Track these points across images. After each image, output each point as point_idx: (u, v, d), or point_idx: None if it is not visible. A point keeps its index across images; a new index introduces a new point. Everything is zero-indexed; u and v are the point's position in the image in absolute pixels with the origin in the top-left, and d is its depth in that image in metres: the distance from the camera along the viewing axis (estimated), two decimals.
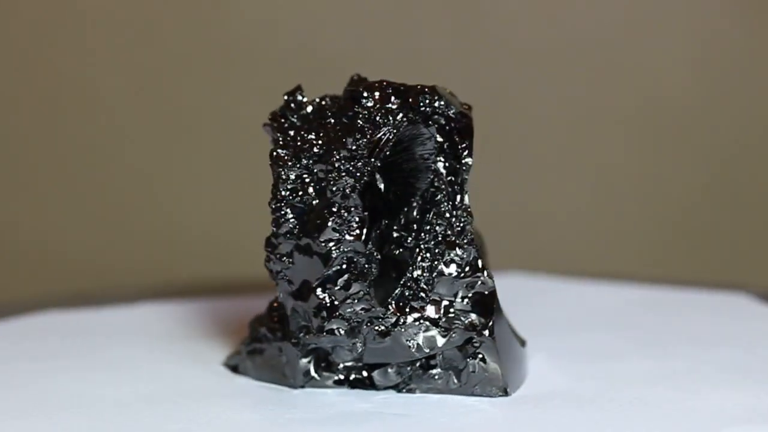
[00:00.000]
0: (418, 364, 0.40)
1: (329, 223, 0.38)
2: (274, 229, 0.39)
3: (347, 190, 0.39)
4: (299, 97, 0.41)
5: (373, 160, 0.39)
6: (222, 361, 0.44)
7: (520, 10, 0.80)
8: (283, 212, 0.39)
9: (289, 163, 0.40)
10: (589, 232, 0.82)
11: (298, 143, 0.40)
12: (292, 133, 0.40)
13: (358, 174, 0.39)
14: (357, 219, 0.39)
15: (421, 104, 0.40)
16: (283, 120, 0.41)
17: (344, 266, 0.39)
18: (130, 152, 0.81)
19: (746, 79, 0.81)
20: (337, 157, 0.39)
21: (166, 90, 0.81)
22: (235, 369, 0.43)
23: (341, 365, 0.41)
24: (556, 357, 0.45)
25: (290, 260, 0.39)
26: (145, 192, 0.82)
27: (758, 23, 0.80)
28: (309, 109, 0.41)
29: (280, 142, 0.40)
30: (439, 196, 0.41)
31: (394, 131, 0.39)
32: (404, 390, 0.41)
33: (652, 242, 0.83)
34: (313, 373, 0.41)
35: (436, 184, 0.41)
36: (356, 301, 0.39)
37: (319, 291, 0.39)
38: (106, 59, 0.80)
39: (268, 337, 0.42)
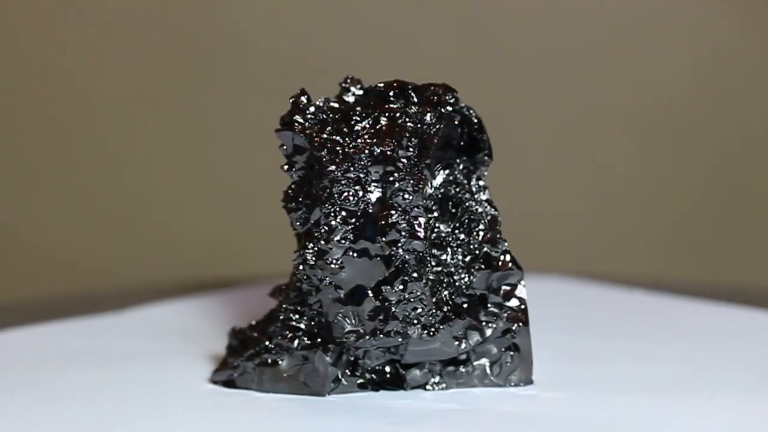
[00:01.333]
0: (448, 361, 0.41)
1: (396, 225, 0.38)
2: (324, 235, 0.39)
3: (409, 190, 0.39)
4: (305, 99, 0.41)
5: (425, 159, 0.39)
6: (207, 378, 0.42)
7: (520, 10, 0.80)
8: (334, 217, 0.39)
9: (342, 166, 0.39)
10: (589, 231, 0.83)
11: (344, 146, 0.39)
12: (324, 135, 0.39)
13: (417, 173, 0.39)
14: (421, 219, 0.39)
15: (449, 103, 0.40)
16: (301, 123, 0.40)
17: (402, 267, 0.38)
18: (130, 152, 0.81)
19: (746, 80, 0.81)
20: (397, 157, 0.39)
21: (167, 91, 0.81)
22: (228, 384, 0.41)
23: (365, 369, 0.41)
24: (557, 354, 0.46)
25: (341, 266, 0.38)
26: (146, 192, 0.82)
27: (758, 24, 0.80)
28: (311, 109, 0.41)
29: (317, 145, 0.39)
30: (463, 193, 0.41)
31: (439, 129, 0.40)
32: (436, 388, 0.41)
33: (652, 242, 0.83)
34: (341, 378, 0.40)
35: (459, 180, 0.41)
36: (412, 301, 0.39)
37: (374, 294, 0.38)
38: (107, 60, 0.80)
39: (285, 347, 0.40)
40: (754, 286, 0.69)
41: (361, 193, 0.38)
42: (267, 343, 0.40)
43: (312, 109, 0.40)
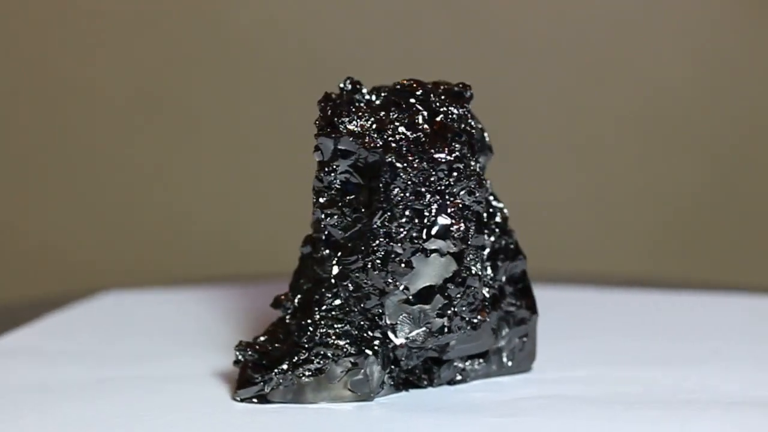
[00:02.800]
0: (468, 354, 0.42)
1: (467, 222, 0.39)
2: (395, 236, 0.39)
3: (475, 187, 0.39)
4: (342, 101, 0.40)
5: (475, 155, 0.40)
6: (231, 397, 0.40)
7: (520, 9, 0.80)
8: (402, 218, 0.39)
9: (408, 168, 0.39)
10: (589, 231, 0.83)
11: (399, 148, 0.39)
12: (387, 137, 0.39)
13: (472, 170, 0.39)
14: (484, 214, 0.40)
15: (469, 99, 0.41)
16: (347, 126, 0.40)
17: (463, 263, 0.39)
18: (131, 152, 0.81)
19: (747, 80, 0.81)
20: (460, 156, 0.39)
21: (168, 90, 0.81)
22: (260, 399, 0.40)
23: (402, 369, 0.41)
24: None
25: (410, 267, 0.39)
26: (146, 192, 0.82)
27: (759, 24, 0.80)
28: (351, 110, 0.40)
29: (377, 148, 0.39)
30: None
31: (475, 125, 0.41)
32: (459, 382, 0.42)
33: (652, 242, 0.83)
34: (384, 380, 0.41)
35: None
36: (468, 296, 0.39)
37: (440, 292, 0.39)
38: (108, 59, 0.80)
39: (332, 355, 0.39)
40: (755, 286, 0.69)
41: (428, 194, 0.39)
42: (307, 353, 0.39)
43: (352, 110, 0.40)
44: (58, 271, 0.81)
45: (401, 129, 0.39)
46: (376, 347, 0.39)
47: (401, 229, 0.39)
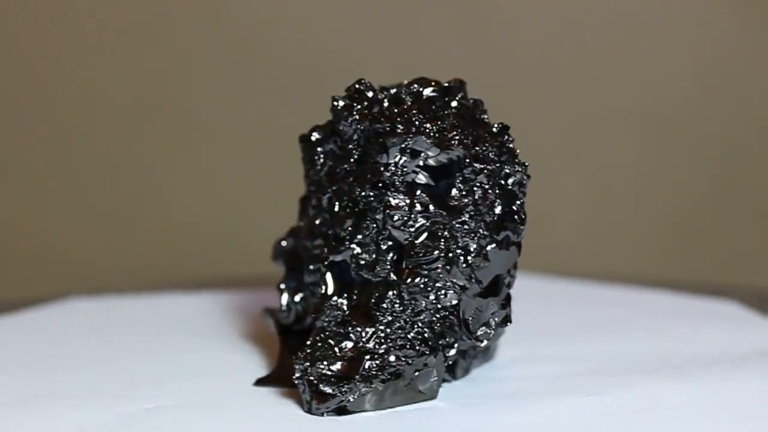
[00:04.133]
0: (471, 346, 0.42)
1: (522, 213, 0.41)
2: (470, 234, 0.39)
3: (519, 178, 0.42)
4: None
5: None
6: (307, 411, 0.39)
7: (521, 10, 0.81)
8: (479, 213, 0.40)
9: (470, 169, 0.40)
10: (589, 231, 0.83)
11: (458, 148, 0.40)
12: (452, 134, 0.40)
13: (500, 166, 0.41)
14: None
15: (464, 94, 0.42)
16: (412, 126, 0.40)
17: (521, 251, 0.41)
18: (131, 152, 0.81)
19: (748, 80, 0.81)
20: (499, 151, 0.41)
21: (168, 90, 0.81)
22: (341, 411, 0.39)
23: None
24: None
25: (488, 259, 0.39)
26: (147, 191, 0.82)
27: (760, 25, 0.80)
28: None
29: (451, 147, 0.40)
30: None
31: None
32: (467, 375, 0.43)
33: (652, 243, 0.83)
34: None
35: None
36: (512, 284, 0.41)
37: (504, 282, 0.40)
38: (109, 58, 0.80)
39: (403, 358, 0.39)
40: (755, 286, 0.69)
41: (481, 192, 0.40)
42: (381, 358, 0.39)
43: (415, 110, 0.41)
44: (57, 271, 0.81)
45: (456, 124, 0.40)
46: (441, 345, 0.40)
47: (476, 223, 0.40)
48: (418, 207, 0.39)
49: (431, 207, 0.39)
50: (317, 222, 0.42)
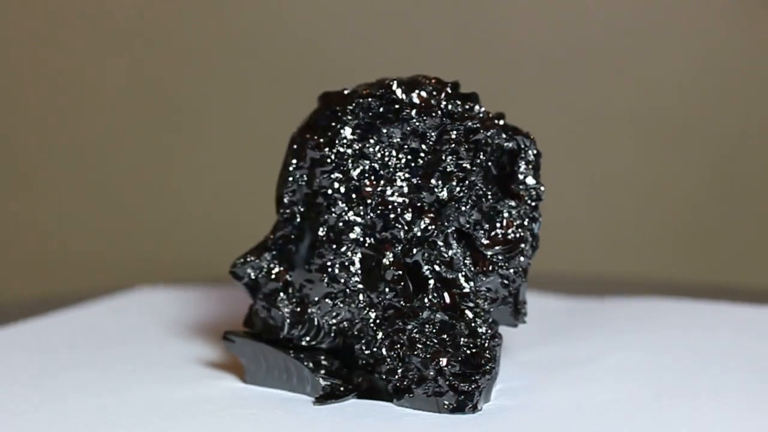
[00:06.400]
0: None
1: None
2: (520, 232, 0.40)
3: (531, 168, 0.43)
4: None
5: None
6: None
7: (521, 11, 0.81)
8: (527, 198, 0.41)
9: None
10: (589, 231, 0.83)
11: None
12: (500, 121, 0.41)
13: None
14: None
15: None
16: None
17: None
18: (132, 151, 0.81)
19: (748, 80, 0.81)
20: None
21: (168, 89, 0.81)
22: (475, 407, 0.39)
23: None
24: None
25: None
26: (148, 192, 0.82)
27: (759, 27, 0.80)
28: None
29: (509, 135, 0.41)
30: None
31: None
32: None
33: (653, 242, 0.83)
34: None
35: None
36: None
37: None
38: (109, 57, 0.80)
39: (497, 348, 0.40)
40: (756, 286, 0.69)
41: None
42: (492, 346, 0.40)
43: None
44: (58, 270, 0.81)
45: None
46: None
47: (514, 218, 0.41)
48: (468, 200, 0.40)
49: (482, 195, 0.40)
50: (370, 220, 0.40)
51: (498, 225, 0.40)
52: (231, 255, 0.44)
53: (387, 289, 0.40)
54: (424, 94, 0.40)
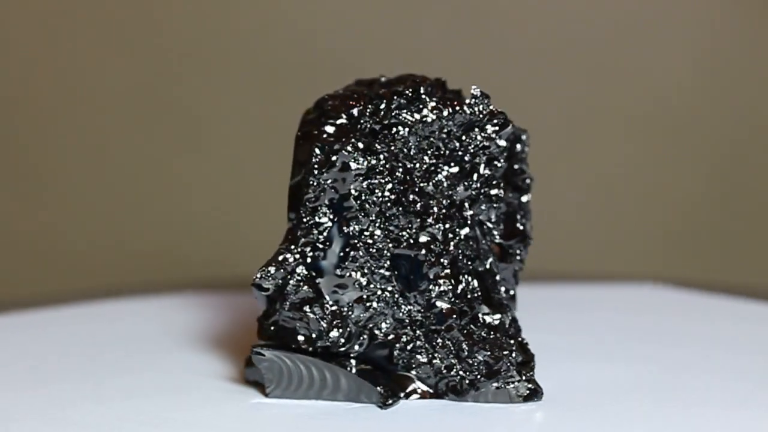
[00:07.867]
0: None
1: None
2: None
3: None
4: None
5: None
6: None
7: (520, 9, 0.81)
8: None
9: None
10: (589, 232, 0.83)
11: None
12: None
13: None
14: None
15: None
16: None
17: None
18: (132, 151, 0.81)
19: (749, 81, 0.81)
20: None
21: (168, 89, 0.81)
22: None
23: None
24: None
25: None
26: (148, 192, 0.82)
27: (759, 27, 0.80)
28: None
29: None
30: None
31: None
32: None
33: (653, 243, 0.83)
34: None
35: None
36: None
37: None
38: (109, 57, 0.80)
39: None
40: (756, 286, 0.69)
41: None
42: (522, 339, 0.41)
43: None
44: (57, 270, 0.81)
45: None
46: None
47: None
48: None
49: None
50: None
51: (504, 218, 0.42)
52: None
53: (431, 287, 0.39)
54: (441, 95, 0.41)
